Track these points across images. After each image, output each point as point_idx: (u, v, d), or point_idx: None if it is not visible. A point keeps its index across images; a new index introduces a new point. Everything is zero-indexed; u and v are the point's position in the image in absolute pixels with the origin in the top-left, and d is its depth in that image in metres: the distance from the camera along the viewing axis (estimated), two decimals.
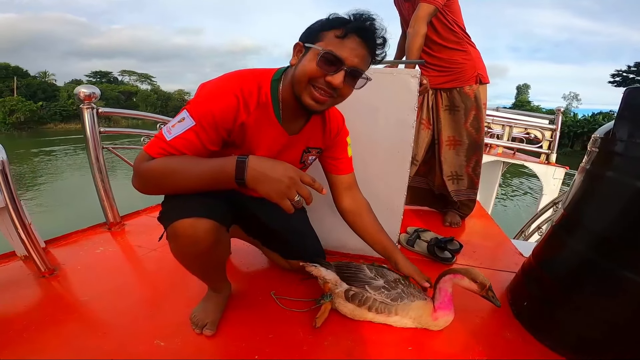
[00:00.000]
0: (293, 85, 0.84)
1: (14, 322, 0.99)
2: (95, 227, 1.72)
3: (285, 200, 0.72)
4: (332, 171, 1.10)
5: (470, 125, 1.97)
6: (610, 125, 0.98)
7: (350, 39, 0.78)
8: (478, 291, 0.97)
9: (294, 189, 0.72)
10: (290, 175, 0.72)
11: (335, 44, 0.78)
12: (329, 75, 0.79)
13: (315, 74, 0.79)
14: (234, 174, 0.72)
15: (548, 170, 4.01)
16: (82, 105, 1.60)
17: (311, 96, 0.82)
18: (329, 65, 0.78)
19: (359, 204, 1.13)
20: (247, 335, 0.95)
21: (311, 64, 0.79)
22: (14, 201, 1.19)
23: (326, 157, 1.09)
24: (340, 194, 1.12)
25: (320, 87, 0.81)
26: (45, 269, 1.24)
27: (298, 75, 0.81)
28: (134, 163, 0.78)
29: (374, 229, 1.12)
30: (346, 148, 1.10)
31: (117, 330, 0.97)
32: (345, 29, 0.78)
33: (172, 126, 0.78)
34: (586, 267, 0.95)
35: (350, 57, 0.79)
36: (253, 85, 0.84)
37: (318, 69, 0.78)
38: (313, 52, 0.79)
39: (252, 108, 0.84)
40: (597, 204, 0.99)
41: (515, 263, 1.50)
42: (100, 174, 1.69)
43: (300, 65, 0.81)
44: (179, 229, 0.78)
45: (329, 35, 0.79)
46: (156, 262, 1.39)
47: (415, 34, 1.72)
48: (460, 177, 2.06)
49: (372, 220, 1.13)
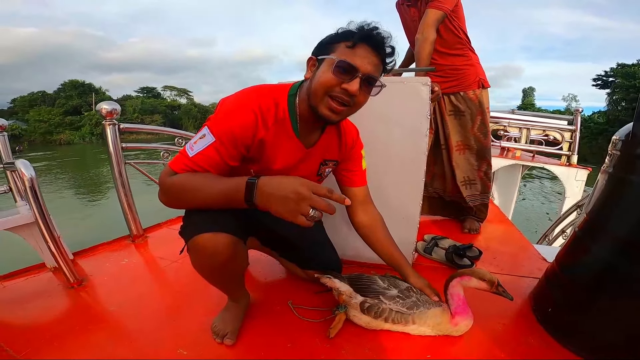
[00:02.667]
0: (309, 98, 0.86)
1: (45, 330, 1.04)
2: (120, 240, 1.79)
3: (298, 216, 0.69)
4: (347, 184, 1.11)
5: (477, 130, 1.96)
6: (629, 127, 0.96)
7: (360, 47, 0.81)
8: (488, 288, 0.96)
9: (305, 203, 0.68)
10: (297, 191, 0.68)
11: (347, 54, 0.81)
12: (345, 83, 0.81)
13: (331, 83, 0.81)
14: (244, 197, 0.74)
15: (570, 172, 3.88)
16: (105, 122, 1.66)
17: (328, 106, 0.84)
18: (344, 74, 0.81)
19: (372, 218, 1.13)
20: (266, 345, 0.97)
21: (327, 74, 0.81)
22: (44, 216, 1.25)
23: (341, 170, 1.10)
24: (354, 207, 1.11)
25: (337, 95, 0.83)
26: (74, 279, 1.30)
27: (315, 87, 0.84)
28: (160, 178, 0.83)
29: (386, 243, 1.12)
30: (361, 161, 1.10)
31: (142, 338, 1.00)
32: (354, 39, 0.81)
33: (194, 142, 0.82)
34: (611, 271, 0.92)
35: (363, 64, 0.81)
36: (270, 101, 0.87)
37: (334, 77, 0.81)
38: (327, 63, 0.82)
39: (270, 124, 0.87)
40: (620, 208, 0.96)
41: (539, 269, 1.46)
42: (123, 188, 1.75)
43: (316, 77, 0.84)
44: (199, 243, 0.82)
45: (339, 46, 0.82)
46: (177, 273, 1.43)
47: (425, 41, 1.71)
48: (474, 181, 2.03)
49: (384, 235, 1.13)
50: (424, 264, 1.55)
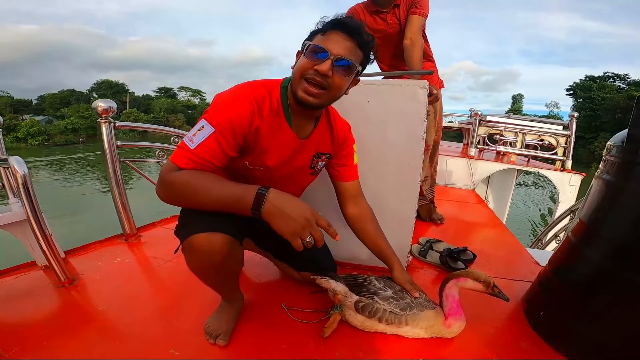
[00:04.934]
0: (291, 86, 0.88)
1: (34, 330, 1.02)
2: (113, 238, 1.77)
3: (296, 239, 0.75)
4: (338, 178, 1.12)
5: (435, 129, 2.11)
6: (624, 134, 0.97)
7: (332, 33, 0.84)
8: (484, 290, 0.97)
9: (308, 230, 0.75)
10: (307, 217, 0.75)
11: (320, 40, 0.84)
12: (317, 65, 0.83)
13: (305, 66, 0.84)
14: (251, 204, 0.75)
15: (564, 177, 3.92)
16: (100, 120, 1.64)
17: (304, 90, 0.85)
18: (316, 57, 0.83)
19: (363, 211, 1.15)
20: (259, 346, 0.96)
21: (302, 60, 0.85)
22: (36, 213, 1.23)
23: (333, 164, 1.11)
24: (345, 201, 1.14)
25: (310, 77, 0.84)
26: (65, 278, 1.28)
27: (293, 73, 0.87)
28: (160, 173, 0.81)
29: (374, 236, 1.14)
30: (352, 155, 1.12)
31: (134, 339, 0.99)
32: (325, 26, 0.85)
33: (193, 135, 0.81)
34: (603, 276, 0.93)
35: (334, 47, 0.83)
36: (264, 92, 0.88)
37: (307, 61, 0.83)
38: (303, 50, 0.85)
39: (265, 113, 0.87)
40: (614, 213, 0.97)
41: (532, 272, 1.47)
42: (117, 186, 1.73)
43: (295, 65, 0.88)
44: (194, 243, 0.81)
45: (316, 36, 0.86)
46: (171, 273, 1.42)
47: (415, 45, 1.80)
48: (427, 177, 2.24)
49: (374, 228, 1.14)
50: (418, 267, 1.55)
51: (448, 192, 3.53)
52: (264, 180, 0.93)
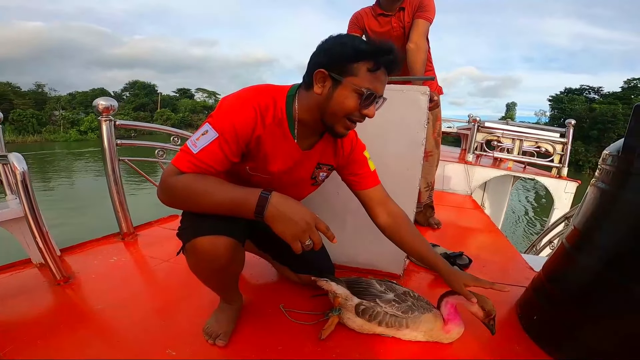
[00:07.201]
0: (324, 116, 0.85)
1: (29, 328, 1.01)
2: (109, 237, 1.76)
3: (296, 242, 0.76)
4: (358, 187, 1.08)
5: (437, 134, 2.11)
6: (620, 143, 0.98)
7: (381, 71, 0.82)
8: (482, 318, 0.97)
9: (308, 234, 0.77)
10: (307, 221, 0.76)
11: (369, 79, 0.80)
12: (365, 109, 0.83)
13: (354, 108, 0.82)
14: (255, 207, 0.76)
15: (559, 185, 3.95)
16: (101, 118, 1.64)
17: (345, 126, 0.86)
18: (368, 101, 0.82)
19: (394, 217, 1.07)
20: (257, 347, 0.96)
21: (351, 102, 0.81)
22: (33, 211, 1.23)
23: (348, 175, 1.08)
24: (373, 209, 1.08)
25: (355, 119, 0.85)
26: (61, 277, 1.27)
27: (334, 109, 0.83)
28: (162, 176, 0.81)
29: (411, 241, 1.06)
30: (366, 162, 1.08)
31: (130, 339, 0.98)
32: (377, 63, 0.80)
33: (196, 139, 0.81)
34: (596, 282, 0.94)
35: (381, 89, 0.83)
36: (269, 100, 0.87)
37: (358, 105, 0.82)
38: (350, 89, 0.80)
39: (267, 122, 0.86)
40: (607, 221, 0.99)
41: (526, 278, 1.48)
42: (116, 185, 1.73)
43: (335, 100, 0.82)
44: (198, 246, 0.81)
45: (360, 68, 0.80)
46: (168, 273, 1.41)
47: (419, 50, 1.78)
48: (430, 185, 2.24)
49: (409, 232, 1.07)
50: (415, 271, 1.56)
51: (445, 197, 3.54)
52: (264, 187, 0.93)
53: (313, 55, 0.85)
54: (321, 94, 0.83)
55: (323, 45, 0.84)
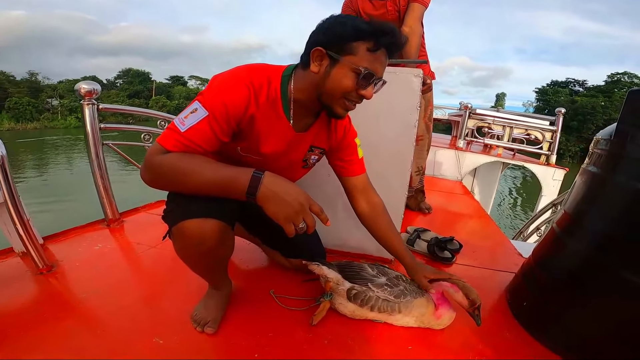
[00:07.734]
0: (321, 95, 0.83)
1: (12, 319, 0.98)
2: (94, 224, 1.71)
3: (290, 224, 0.73)
4: (344, 174, 1.09)
5: (428, 119, 2.12)
6: (613, 127, 0.98)
7: (381, 51, 0.79)
8: (466, 307, 0.97)
9: (301, 216, 0.74)
10: (301, 202, 0.74)
11: (369, 59, 0.78)
12: (362, 89, 0.80)
13: (351, 87, 0.80)
14: (246, 187, 0.72)
15: (547, 172, 4.01)
16: (83, 101, 1.58)
17: (344, 107, 0.84)
18: (366, 82, 0.80)
19: (374, 206, 1.10)
20: (247, 334, 0.95)
21: (348, 81, 0.79)
22: (13, 197, 1.18)
23: (336, 160, 1.08)
24: (355, 196, 1.09)
25: (353, 99, 0.83)
26: (43, 265, 1.24)
27: (331, 88, 0.81)
28: (146, 155, 0.76)
29: (385, 231, 1.10)
30: (356, 150, 1.08)
31: (116, 327, 0.96)
32: (377, 43, 0.77)
33: (184, 117, 0.76)
34: (586, 267, 0.95)
35: (380, 70, 0.81)
36: (263, 78, 0.83)
37: (355, 84, 0.79)
38: (348, 67, 0.78)
39: (261, 101, 0.83)
40: (598, 205, 0.99)
41: (515, 263, 1.50)
42: (99, 170, 1.68)
43: (332, 78, 0.80)
44: (185, 229, 0.78)
45: (360, 48, 0.77)
46: (155, 260, 1.38)
47: (414, 34, 1.77)
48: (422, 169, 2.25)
49: (385, 223, 1.10)
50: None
51: (436, 182, 3.57)
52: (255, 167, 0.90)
53: (312, 34, 0.82)
54: (318, 72, 0.81)
55: (323, 24, 0.81)
